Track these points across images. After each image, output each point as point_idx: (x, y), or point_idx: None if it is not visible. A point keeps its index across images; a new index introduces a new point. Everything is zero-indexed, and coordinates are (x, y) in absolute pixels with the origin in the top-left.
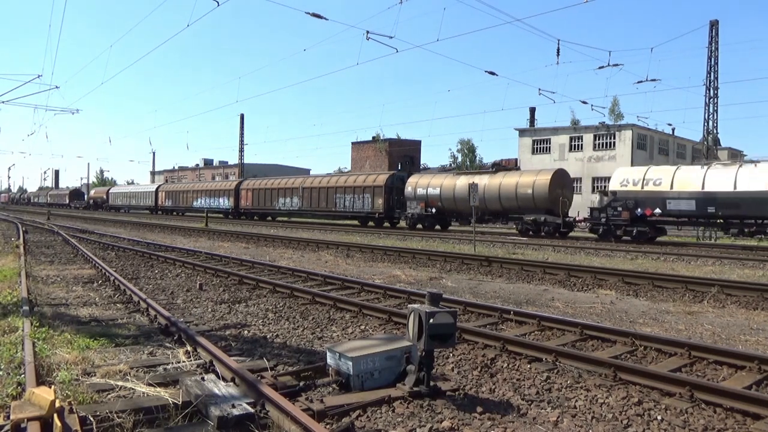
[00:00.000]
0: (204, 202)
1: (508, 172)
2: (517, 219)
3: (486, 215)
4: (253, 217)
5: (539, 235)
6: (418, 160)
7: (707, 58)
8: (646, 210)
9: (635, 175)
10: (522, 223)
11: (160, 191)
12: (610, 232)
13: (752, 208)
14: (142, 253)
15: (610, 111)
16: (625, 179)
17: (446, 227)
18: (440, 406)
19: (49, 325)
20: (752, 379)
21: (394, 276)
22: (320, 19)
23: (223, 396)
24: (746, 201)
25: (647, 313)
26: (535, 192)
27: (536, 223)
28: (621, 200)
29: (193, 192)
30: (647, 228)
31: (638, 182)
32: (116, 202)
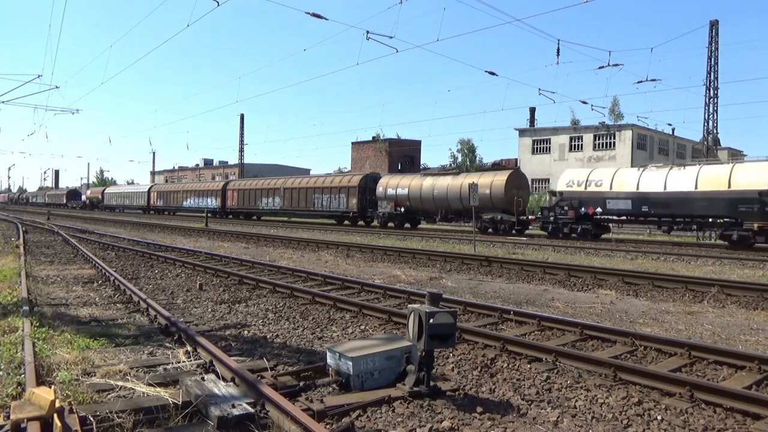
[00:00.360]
0: (193, 202)
1: (470, 174)
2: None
3: (450, 214)
4: (239, 216)
5: (498, 233)
6: (418, 160)
7: (707, 58)
8: (589, 209)
9: (580, 176)
10: (481, 222)
11: (152, 191)
12: (558, 229)
13: (680, 206)
14: (142, 253)
15: (610, 111)
16: (571, 180)
17: (415, 225)
18: (440, 406)
19: (49, 325)
20: (752, 379)
21: (394, 276)
22: (320, 19)
23: (223, 396)
24: (675, 200)
25: (647, 313)
26: (493, 192)
27: (493, 221)
28: (567, 200)
29: (182, 192)
30: (590, 226)
31: (582, 183)
32: (111, 202)
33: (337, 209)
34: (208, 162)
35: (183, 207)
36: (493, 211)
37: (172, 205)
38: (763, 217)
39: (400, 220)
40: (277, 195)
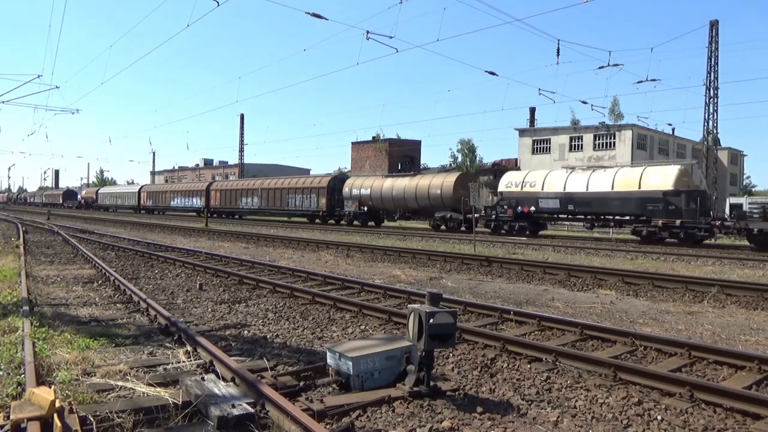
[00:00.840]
0: (180, 201)
1: (425, 176)
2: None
3: (407, 212)
4: (222, 215)
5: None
6: (418, 160)
7: (707, 58)
8: (525, 208)
9: (517, 178)
10: (433, 219)
11: (142, 192)
12: (499, 226)
13: (600, 205)
14: (142, 253)
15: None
16: (510, 182)
17: (379, 223)
18: (440, 406)
19: (49, 325)
20: (752, 379)
21: (394, 276)
22: (320, 19)
23: (223, 396)
24: (595, 200)
25: (647, 313)
26: (443, 192)
27: (444, 219)
28: (506, 200)
29: (170, 192)
30: (526, 223)
31: (519, 184)
32: (104, 202)
33: (309, 208)
34: (208, 162)
35: (170, 207)
36: (443, 209)
37: (161, 205)
38: (667, 215)
39: (364, 218)
40: (256, 195)
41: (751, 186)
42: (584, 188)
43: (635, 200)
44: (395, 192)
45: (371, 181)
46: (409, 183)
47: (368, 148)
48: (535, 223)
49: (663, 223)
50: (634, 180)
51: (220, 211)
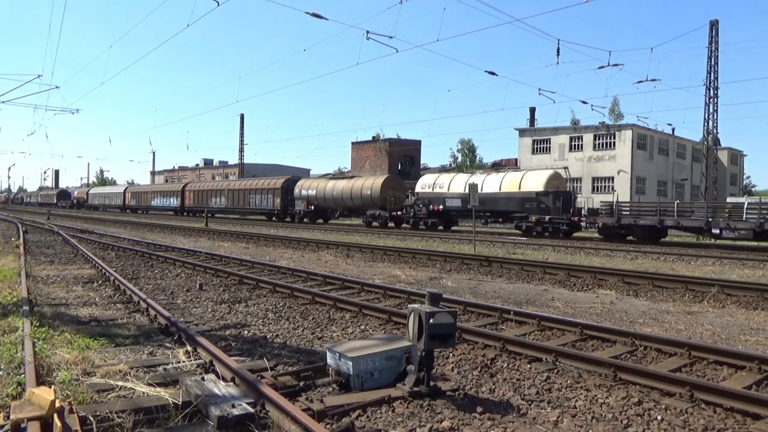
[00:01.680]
0: (159, 201)
1: (359, 178)
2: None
3: (345, 210)
4: (194, 214)
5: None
6: (418, 160)
7: (707, 58)
8: (435, 207)
9: (430, 180)
10: (365, 217)
11: (127, 192)
12: (416, 223)
13: (491, 204)
14: (142, 253)
15: (610, 111)
16: (424, 184)
17: (327, 221)
18: (440, 406)
19: (49, 325)
20: (752, 379)
21: (394, 276)
22: (320, 19)
23: (223, 396)
24: (488, 199)
25: (647, 313)
26: (372, 193)
27: (374, 216)
28: (421, 199)
29: (151, 193)
30: (437, 219)
31: (431, 186)
32: (94, 202)
33: (266, 207)
34: (208, 162)
35: (151, 206)
36: (374, 208)
37: (143, 204)
38: (539, 212)
39: (312, 216)
40: (223, 195)
41: (751, 186)
42: (480, 189)
43: (516, 200)
44: (336, 192)
45: (317, 183)
46: (346, 184)
47: (368, 148)
48: (446, 220)
49: (536, 219)
50: (516, 182)
51: (193, 209)
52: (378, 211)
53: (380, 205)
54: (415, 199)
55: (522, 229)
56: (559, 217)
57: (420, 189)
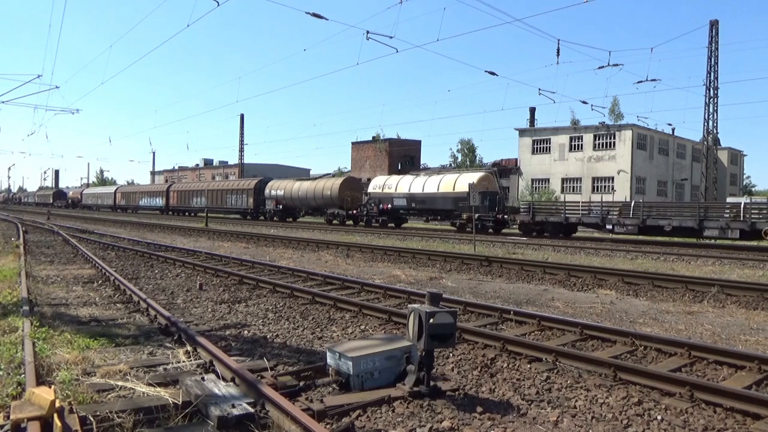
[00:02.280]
0: (146, 201)
1: (321, 179)
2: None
3: (309, 210)
4: (177, 213)
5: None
6: (418, 160)
7: (707, 58)
8: (384, 206)
9: (380, 182)
10: (326, 215)
11: (118, 193)
12: (369, 220)
13: (431, 203)
14: (142, 253)
15: (610, 111)
16: (375, 185)
17: (295, 219)
18: (440, 406)
19: (49, 325)
20: (752, 379)
21: (394, 276)
22: (320, 19)
23: (223, 396)
24: (428, 199)
25: (647, 313)
26: (332, 193)
27: (333, 215)
28: (373, 199)
29: (138, 193)
30: (387, 217)
31: (381, 187)
32: (88, 202)
33: (241, 206)
34: (208, 162)
35: (139, 205)
36: (333, 207)
37: (132, 204)
38: (469, 210)
39: (281, 215)
40: (203, 195)
41: (751, 186)
42: (421, 190)
43: (451, 199)
44: (301, 193)
45: (285, 184)
46: (309, 185)
47: (368, 148)
48: (395, 217)
49: (467, 216)
50: (451, 183)
51: (177, 209)
52: (337, 210)
53: (339, 204)
54: (367, 199)
55: (456, 226)
56: (486, 215)
57: (372, 189)
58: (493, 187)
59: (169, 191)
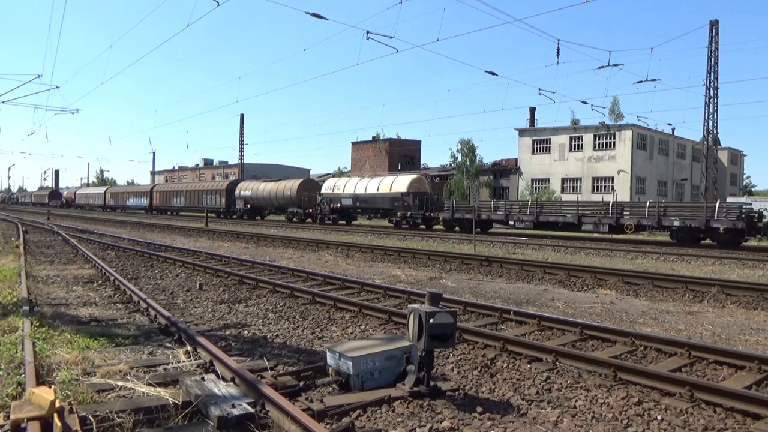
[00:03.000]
0: (132, 201)
1: (283, 181)
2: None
3: (272, 209)
4: (160, 212)
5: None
6: (418, 160)
7: (707, 58)
8: (334, 205)
9: (331, 183)
10: (287, 213)
11: (107, 193)
12: (322, 218)
13: (372, 202)
14: (142, 253)
15: (610, 111)
16: (327, 186)
17: (263, 217)
18: (440, 406)
19: (49, 325)
20: (752, 379)
21: (394, 276)
22: (320, 19)
23: (223, 396)
24: (369, 199)
25: (647, 313)
26: (291, 194)
27: (293, 213)
28: (325, 199)
29: (126, 194)
30: (337, 215)
31: (332, 188)
32: (80, 201)
33: (214, 206)
34: (208, 162)
35: (126, 205)
36: (292, 206)
37: (120, 204)
38: (403, 209)
39: (249, 213)
40: (182, 196)
41: (751, 186)
42: (364, 191)
43: (388, 199)
44: (265, 193)
45: (252, 185)
46: (272, 186)
47: (368, 148)
48: (344, 215)
49: (401, 214)
50: (389, 185)
51: (159, 208)
52: (296, 208)
53: (297, 203)
54: (321, 199)
55: (393, 223)
56: (416, 213)
57: (324, 190)
58: (424, 188)
59: (153, 192)
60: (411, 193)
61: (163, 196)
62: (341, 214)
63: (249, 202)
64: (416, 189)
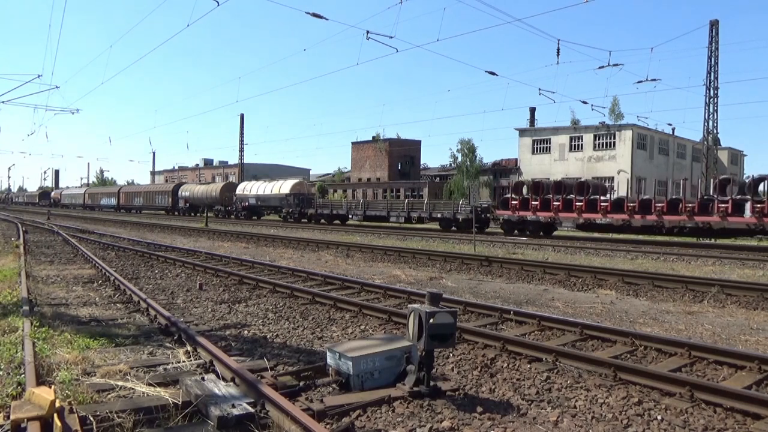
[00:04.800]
0: (105, 201)
1: (211, 184)
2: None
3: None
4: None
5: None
6: (418, 160)
7: (707, 58)
8: (244, 204)
9: (242, 186)
10: (213, 210)
11: (86, 194)
12: (238, 215)
13: (267, 201)
14: (142, 253)
15: (610, 111)
16: (239, 188)
17: (197, 214)
18: (440, 406)
19: (49, 325)
20: (752, 379)
21: (394, 276)
22: (320, 19)
23: (223, 396)
24: (267, 198)
25: (647, 313)
26: (216, 194)
27: (218, 210)
28: (239, 199)
29: (100, 194)
30: (247, 213)
31: (243, 190)
32: (65, 201)
33: (163, 205)
34: (208, 162)
35: (101, 204)
36: (218, 204)
37: (96, 203)
38: (288, 207)
39: (188, 211)
40: (141, 196)
41: None
42: (263, 192)
43: (278, 198)
44: (199, 194)
45: (190, 187)
46: (204, 188)
47: (368, 148)
48: (253, 213)
49: (287, 211)
50: (278, 188)
51: (124, 207)
52: (220, 206)
53: (221, 202)
54: (235, 199)
55: (282, 218)
56: (295, 210)
57: (237, 192)
58: (303, 190)
59: (120, 193)
60: (292, 194)
61: (127, 197)
62: (249, 211)
63: (188, 202)
64: (297, 191)
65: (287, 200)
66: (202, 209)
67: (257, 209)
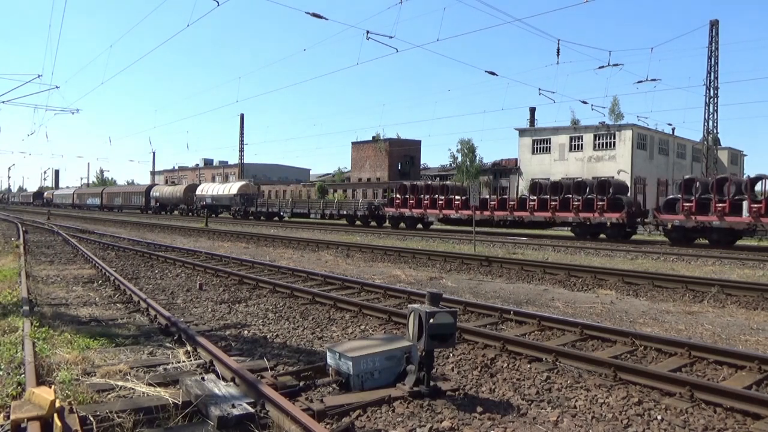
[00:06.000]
0: (91, 201)
1: (178, 186)
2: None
3: (171, 207)
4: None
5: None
6: (418, 160)
7: (707, 58)
8: (203, 203)
9: (201, 188)
10: (178, 209)
11: (75, 194)
12: (198, 213)
13: (220, 201)
14: (142, 253)
15: (610, 111)
16: (198, 189)
17: (167, 212)
18: (440, 406)
19: (49, 325)
20: (752, 379)
21: (394, 276)
22: (320, 19)
23: (223, 396)
24: (220, 198)
25: (647, 313)
26: (180, 195)
27: (183, 209)
28: (198, 198)
29: (86, 194)
30: (207, 211)
31: (201, 191)
32: (57, 201)
33: (139, 204)
34: (208, 162)
35: (87, 204)
36: (181, 203)
37: (83, 203)
38: (237, 206)
39: (158, 209)
40: (119, 197)
41: None
42: (217, 193)
43: (228, 198)
44: (167, 194)
45: (161, 188)
46: (171, 189)
47: (368, 148)
48: (212, 211)
49: (235, 209)
50: (228, 188)
51: (107, 206)
52: (184, 206)
53: (185, 202)
54: (196, 199)
55: (232, 215)
56: (241, 208)
57: (197, 193)
58: (250, 191)
59: (103, 193)
60: (239, 195)
61: (108, 197)
62: (208, 209)
63: (159, 201)
64: (243, 192)
65: (235, 200)
66: (170, 208)
67: (213, 207)
